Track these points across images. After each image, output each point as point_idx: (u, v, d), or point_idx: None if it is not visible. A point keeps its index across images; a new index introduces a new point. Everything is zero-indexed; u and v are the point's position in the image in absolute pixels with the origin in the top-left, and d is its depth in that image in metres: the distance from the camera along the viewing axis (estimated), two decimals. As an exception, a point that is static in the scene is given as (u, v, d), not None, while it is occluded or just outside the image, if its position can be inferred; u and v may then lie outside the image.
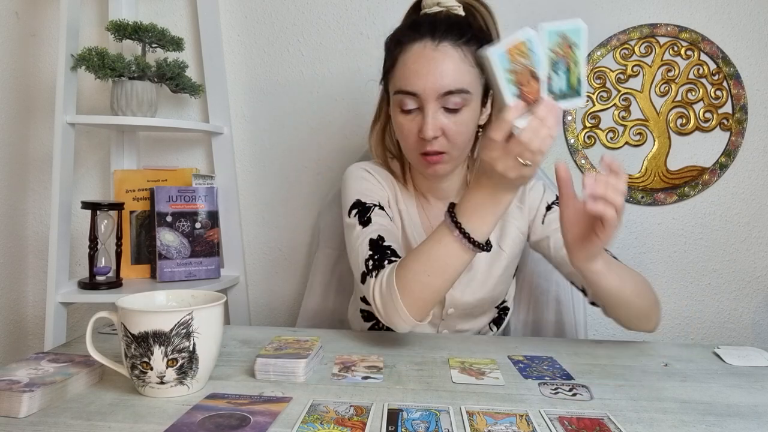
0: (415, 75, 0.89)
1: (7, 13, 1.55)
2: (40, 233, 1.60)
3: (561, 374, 0.77)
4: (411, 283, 0.82)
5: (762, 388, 0.74)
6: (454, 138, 0.92)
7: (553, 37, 0.67)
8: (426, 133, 0.89)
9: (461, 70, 0.89)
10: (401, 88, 0.91)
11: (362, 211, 0.98)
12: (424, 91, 0.88)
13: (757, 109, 1.43)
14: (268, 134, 1.56)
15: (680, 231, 1.47)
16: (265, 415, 0.61)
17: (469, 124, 0.93)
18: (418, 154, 0.94)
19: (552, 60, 0.67)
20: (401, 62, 0.91)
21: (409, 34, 0.91)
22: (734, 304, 1.47)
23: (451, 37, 0.89)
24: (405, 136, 0.94)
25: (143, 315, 0.65)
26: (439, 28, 0.89)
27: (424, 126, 0.89)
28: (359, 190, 1.01)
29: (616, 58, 1.44)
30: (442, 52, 0.88)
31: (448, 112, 0.90)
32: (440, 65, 0.88)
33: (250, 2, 1.53)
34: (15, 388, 0.62)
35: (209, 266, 1.41)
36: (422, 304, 0.83)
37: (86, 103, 1.56)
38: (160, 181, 1.44)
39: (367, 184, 1.03)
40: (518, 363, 0.82)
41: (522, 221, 1.05)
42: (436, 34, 0.89)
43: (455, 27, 0.90)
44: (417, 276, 0.81)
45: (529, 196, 1.05)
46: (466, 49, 0.90)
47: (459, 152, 0.95)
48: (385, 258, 0.89)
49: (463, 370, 0.78)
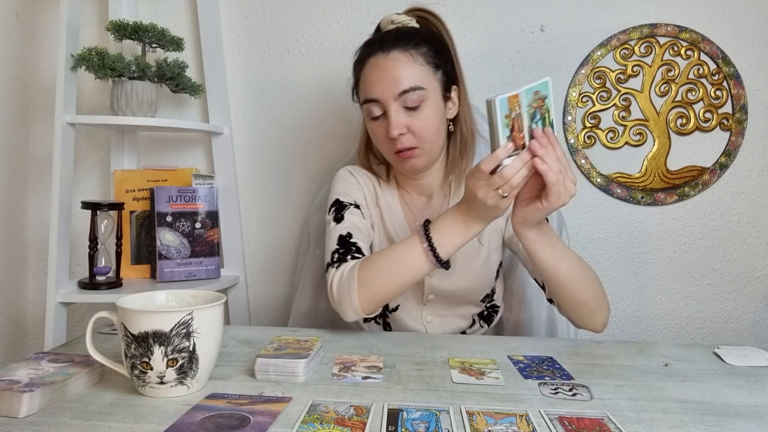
0: (373, 84, 1.00)
1: (7, 13, 1.55)
2: (40, 233, 1.60)
3: (561, 374, 0.77)
4: (372, 278, 0.91)
5: (762, 388, 0.74)
6: (420, 132, 0.99)
7: (529, 95, 0.79)
8: (391, 132, 0.98)
9: (412, 70, 0.98)
10: (365, 97, 1.02)
11: (338, 209, 1.07)
12: (382, 95, 0.98)
13: (757, 109, 1.43)
14: (268, 134, 1.56)
15: (680, 231, 1.47)
16: (265, 415, 0.61)
17: (433, 119, 1.00)
18: (392, 154, 1.02)
19: (530, 113, 0.80)
20: (362, 77, 1.03)
21: (365, 51, 1.04)
22: (734, 304, 1.47)
23: (399, 45, 0.99)
24: (379, 140, 1.04)
25: (143, 315, 0.65)
26: (388, 40, 1.01)
27: (389, 126, 0.98)
28: (340, 191, 1.10)
29: (616, 58, 1.44)
30: (392, 58, 0.99)
31: (410, 110, 0.99)
32: (392, 70, 0.98)
33: (250, 2, 1.53)
34: (15, 388, 0.62)
35: (209, 266, 1.41)
36: (375, 299, 0.92)
37: (86, 103, 1.56)
38: (160, 181, 1.44)
39: (347, 185, 1.11)
40: (518, 363, 0.82)
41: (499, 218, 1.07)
42: (384, 46, 1.00)
43: (403, 36, 1.01)
44: (379, 273, 0.91)
45: None
46: (415, 51, 0.99)
47: (429, 145, 1.02)
48: (349, 253, 0.99)
49: (463, 370, 0.78)
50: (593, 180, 1.47)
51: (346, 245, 1.00)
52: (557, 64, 1.46)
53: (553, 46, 1.45)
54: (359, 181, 1.12)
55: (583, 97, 1.46)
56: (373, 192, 1.13)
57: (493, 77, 1.48)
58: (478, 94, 1.47)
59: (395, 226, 1.10)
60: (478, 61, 1.48)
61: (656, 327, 1.49)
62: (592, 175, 1.47)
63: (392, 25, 1.05)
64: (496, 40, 1.47)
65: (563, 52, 1.45)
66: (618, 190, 1.46)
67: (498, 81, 1.48)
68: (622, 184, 1.46)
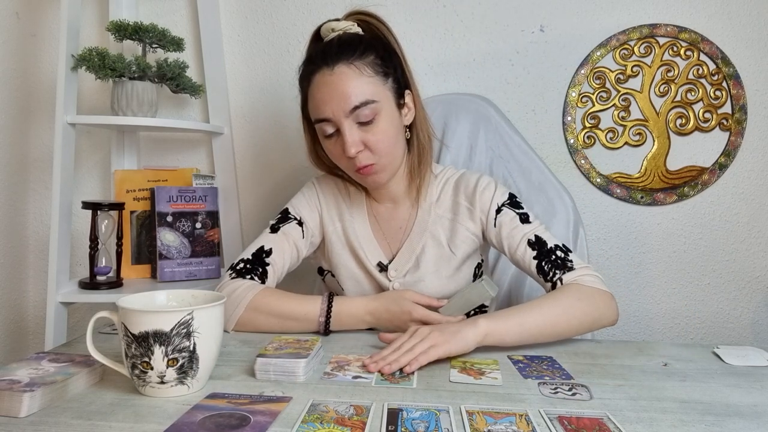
0: (322, 102, 0.95)
1: (7, 13, 1.55)
2: (41, 233, 1.61)
3: (561, 374, 0.77)
4: (259, 314, 0.95)
5: (761, 387, 0.74)
6: (377, 147, 0.96)
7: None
8: (348, 151, 0.94)
9: (360, 84, 0.93)
10: (315, 117, 0.97)
11: (281, 218, 1.08)
12: (333, 114, 0.94)
13: (756, 109, 1.43)
14: (268, 134, 1.56)
15: (680, 231, 1.47)
16: (266, 415, 0.61)
17: (388, 131, 0.97)
18: (353, 171, 0.99)
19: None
20: (310, 95, 0.98)
21: (308, 67, 0.98)
22: (734, 304, 1.47)
23: (344, 57, 0.94)
24: (337, 158, 1.00)
25: (144, 315, 0.65)
26: (330, 53, 0.95)
27: (345, 146, 0.94)
28: (295, 201, 1.11)
29: (616, 58, 1.44)
30: (338, 74, 0.93)
31: (363, 126, 0.95)
32: (339, 87, 0.93)
33: (250, 2, 1.54)
34: (15, 387, 0.63)
35: (209, 266, 1.41)
36: (249, 328, 0.96)
37: (87, 103, 1.56)
38: (161, 181, 1.44)
39: (303, 200, 1.11)
40: (518, 363, 0.82)
41: (473, 224, 1.06)
42: (328, 60, 0.94)
43: (346, 47, 0.95)
44: (269, 315, 0.95)
45: (480, 198, 1.05)
46: (361, 62, 0.94)
47: (388, 159, 0.98)
48: (254, 272, 1.00)
49: (463, 369, 0.78)
50: (593, 180, 1.47)
51: (257, 261, 1.01)
52: (557, 65, 1.46)
53: (552, 46, 1.46)
54: (320, 197, 1.11)
55: (583, 98, 1.46)
56: (335, 206, 1.10)
57: (493, 77, 1.48)
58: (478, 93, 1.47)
59: (360, 240, 1.07)
60: (478, 61, 1.48)
61: (656, 327, 1.49)
62: (592, 176, 1.47)
63: (333, 33, 0.99)
64: (496, 40, 1.47)
65: (563, 52, 1.46)
66: (618, 191, 1.47)
67: (498, 81, 1.48)
68: (622, 185, 1.46)
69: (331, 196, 1.12)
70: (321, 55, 0.96)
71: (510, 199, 1.05)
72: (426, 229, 1.06)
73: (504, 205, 1.04)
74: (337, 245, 1.09)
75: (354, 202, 1.11)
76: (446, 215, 1.07)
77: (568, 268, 0.97)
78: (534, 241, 1.00)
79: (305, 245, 1.08)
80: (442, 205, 1.08)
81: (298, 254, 1.07)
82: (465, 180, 1.08)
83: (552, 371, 0.78)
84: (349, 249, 1.08)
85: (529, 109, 1.48)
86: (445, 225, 1.07)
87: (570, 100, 1.46)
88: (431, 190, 1.08)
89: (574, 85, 1.45)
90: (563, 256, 0.98)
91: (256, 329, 0.96)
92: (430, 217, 1.07)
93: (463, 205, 1.06)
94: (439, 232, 1.06)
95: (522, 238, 1.00)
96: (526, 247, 1.00)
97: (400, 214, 1.09)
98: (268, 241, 1.04)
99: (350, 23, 1.00)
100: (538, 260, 0.99)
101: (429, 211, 1.07)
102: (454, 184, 1.09)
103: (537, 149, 1.41)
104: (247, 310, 0.94)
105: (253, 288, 0.97)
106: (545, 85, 1.47)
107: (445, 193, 1.08)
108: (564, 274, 0.96)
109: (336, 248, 1.09)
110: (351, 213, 1.10)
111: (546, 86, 1.47)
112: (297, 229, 1.07)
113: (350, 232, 1.08)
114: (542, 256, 0.99)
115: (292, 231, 1.07)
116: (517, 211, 1.03)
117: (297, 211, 1.09)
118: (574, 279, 0.95)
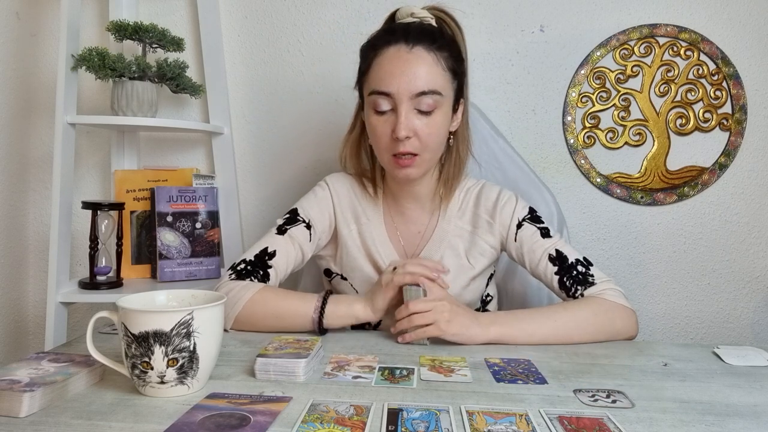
0: (390, 75, 0.92)
1: (7, 13, 1.55)
2: (41, 233, 1.61)
3: (535, 378, 0.75)
4: (256, 313, 0.94)
5: (761, 387, 0.74)
6: (426, 140, 0.94)
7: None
8: (399, 133, 0.91)
9: (434, 73, 0.92)
10: (376, 88, 0.94)
11: (289, 219, 1.06)
12: (398, 91, 0.92)
13: (756, 109, 1.43)
14: (268, 134, 1.56)
15: (680, 231, 1.47)
16: (266, 415, 0.61)
17: (441, 127, 0.96)
18: (390, 155, 0.96)
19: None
20: (376, 64, 0.95)
21: (384, 38, 0.95)
22: (733, 304, 1.47)
23: (425, 41, 0.93)
24: (378, 137, 0.97)
25: (144, 315, 0.65)
26: (413, 33, 0.93)
27: (398, 126, 0.92)
28: (305, 202, 1.08)
29: (616, 58, 1.44)
30: (416, 54, 0.92)
31: (421, 114, 0.93)
32: (414, 67, 0.91)
33: (250, 2, 1.54)
34: (16, 387, 0.63)
35: (209, 266, 1.41)
36: (248, 326, 0.95)
37: (87, 103, 1.56)
38: (161, 181, 1.44)
39: (314, 200, 1.08)
40: (494, 366, 0.79)
41: (493, 238, 1.05)
42: (409, 38, 0.93)
43: (428, 34, 0.94)
44: (266, 315, 0.94)
45: (501, 213, 1.04)
46: (439, 54, 0.94)
47: (430, 155, 0.97)
48: (255, 274, 0.99)
49: (432, 368, 0.78)
50: (593, 180, 1.47)
51: (260, 263, 1.00)
52: (557, 65, 1.46)
53: (552, 46, 1.46)
54: (333, 198, 1.08)
55: (583, 98, 1.46)
56: (349, 208, 1.08)
57: (493, 77, 1.48)
58: (478, 93, 1.47)
59: (376, 244, 1.06)
60: (478, 61, 1.48)
61: (656, 327, 1.49)
62: (592, 175, 1.47)
63: (411, 18, 0.97)
64: (495, 40, 1.47)
65: (563, 52, 1.46)
66: (617, 191, 1.47)
67: (498, 81, 1.48)
68: (622, 185, 1.46)
69: (345, 197, 1.09)
70: (403, 31, 0.94)
71: (530, 214, 1.04)
72: (445, 239, 1.05)
73: (525, 220, 1.03)
74: (352, 249, 1.07)
75: (370, 203, 1.09)
76: (466, 227, 1.06)
77: (590, 283, 0.97)
78: (555, 256, 0.99)
79: (311, 248, 1.07)
80: (463, 217, 1.07)
81: (303, 257, 1.06)
82: (486, 193, 1.07)
83: (526, 375, 0.76)
84: (365, 253, 1.07)
85: (529, 109, 1.48)
86: (464, 237, 1.06)
87: (570, 100, 1.46)
88: (453, 200, 1.07)
89: (574, 85, 1.45)
90: (584, 271, 0.98)
91: (254, 328, 0.95)
92: (450, 227, 1.06)
93: (483, 218, 1.05)
94: (458, 243, 1.05)
95: (543, 253, 1.00)
96: (547, 262, 1.00)
97: (420, 218, 1.08)
98: (273, 243, 1.03)
99: (429, 15, 0.99)
100: (560, 276, 0.98)
101: (450, 222, 1.06)
102: (476, 196, 1.08)
103: (537, 149, 1.41)
104: (245, 308, 0.94)
105: (252, 286, 0.96)
106: (545, 85, 1.47)
107: (466, 204, 1.08)
108: (586, 290, 0.96)
109: (352, 252, 1.07)
110: (367, 215, 1.08)
111: (546, 86, 1.47)
112: (305, 232, 1.05)
113: (366, 236, 1.07)
114: (563, 272, 0.98)
115: (299, 234, 1.04)
116: (537, 225, 1.03)
117: (306, 213, 1.06)
118: (595, 294, 0.95)
